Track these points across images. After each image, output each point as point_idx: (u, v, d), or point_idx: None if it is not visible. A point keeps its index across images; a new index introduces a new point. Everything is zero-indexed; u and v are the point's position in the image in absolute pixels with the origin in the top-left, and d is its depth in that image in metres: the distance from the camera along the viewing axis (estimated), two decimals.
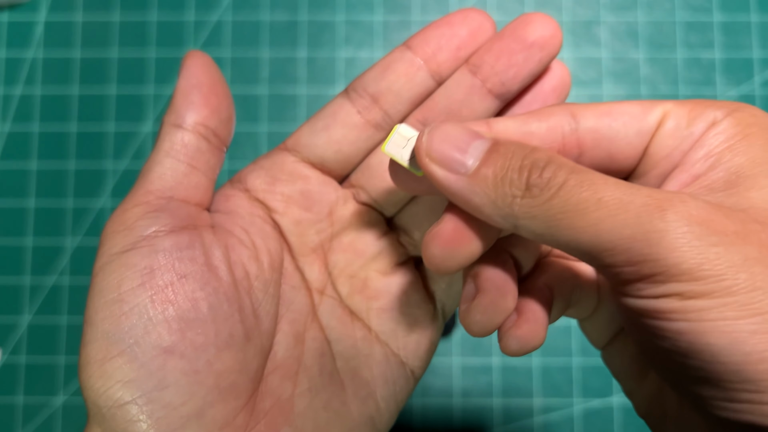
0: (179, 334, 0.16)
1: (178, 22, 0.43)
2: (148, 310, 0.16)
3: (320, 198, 0.20)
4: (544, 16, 0.18)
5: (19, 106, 0.42)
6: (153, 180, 0.18)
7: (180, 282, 0.17)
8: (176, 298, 0.16)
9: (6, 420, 0.39)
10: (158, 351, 0.16)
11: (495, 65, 0.19)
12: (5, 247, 0.41)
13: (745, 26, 0.42)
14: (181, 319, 0.16)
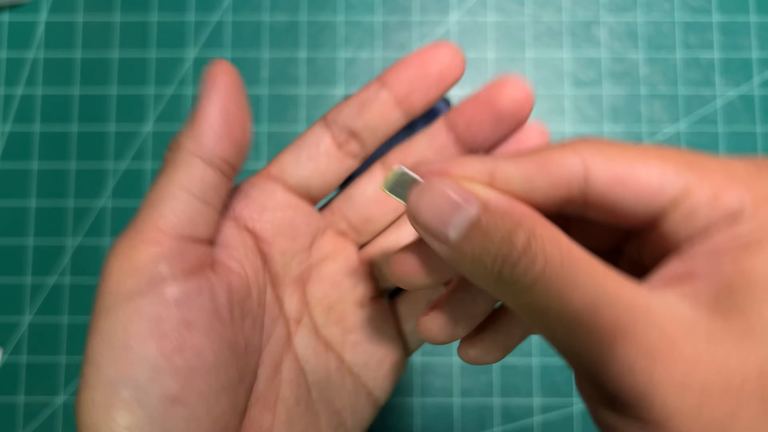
0: (185, 383, 0.16)
1: (178, 23, 0.43)
2: (156, 359, 0.16)
3: (305, 228, 0.21)
4: (517, 83, 0.19)
5: (20, 107, 0.42)
6: (165, 215, 0.17)
7: (188, 330, 0.17)
8: (183, 348, 0.16)
9: (7, 419, 0.39)
10: (164, 400, 0.16)
11: (467, 130, 0.20)
12: (6, 246, 0.41)
13: (743, 27, 0.42)
14: (188, 368, 0.16)
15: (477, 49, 0.43)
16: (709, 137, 0.41)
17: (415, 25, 0.43)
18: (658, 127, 0.42)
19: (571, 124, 0.42)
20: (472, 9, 0.43)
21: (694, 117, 0.42)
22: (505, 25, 0.43)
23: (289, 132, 0.42)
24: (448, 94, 0.18)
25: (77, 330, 0.40)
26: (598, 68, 0.42)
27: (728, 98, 0.42)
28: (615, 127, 0.42)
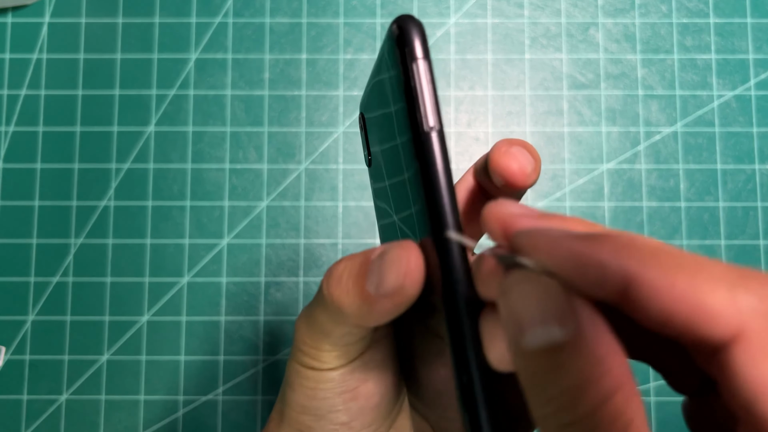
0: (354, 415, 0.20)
1: (180, 25, 0.43)
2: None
3: None
4: (524, 159, 0.19)
5: (23, 108, 0.42)
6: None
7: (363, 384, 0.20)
8: (358, 396, 0.20)
9: (11, 417, 0.40)
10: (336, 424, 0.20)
11: (483, 184, 0.21)
12: (10, 246, 0.41)
13: (740, 28, 0.43)
14: (359, 408, 0.20)
15: (476, 51, 0.43)
16: (706, 138, 0.42)
17: None
18: (656, 128, 0.42)
19: (569, 125, 0.42)
20: (471, 11, 0.43)
21: (691, 118, 0.42)
22: (504, 26, 0.43)
23: (289, 132, 0.42)
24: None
25: (80, 328, 0.41)
26: (595, 70, 0.43)
27: (725, 99, 0.42)
28: (612, 128, 0.42)
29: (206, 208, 0.41)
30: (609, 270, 0.12)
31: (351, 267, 0.17)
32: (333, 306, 0.17)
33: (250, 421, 0.40)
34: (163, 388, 0.40)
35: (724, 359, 0.12)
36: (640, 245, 0.13)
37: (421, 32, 0.16)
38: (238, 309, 0.41)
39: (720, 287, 0.12)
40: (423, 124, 0.15)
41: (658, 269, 0.12)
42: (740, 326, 0.12)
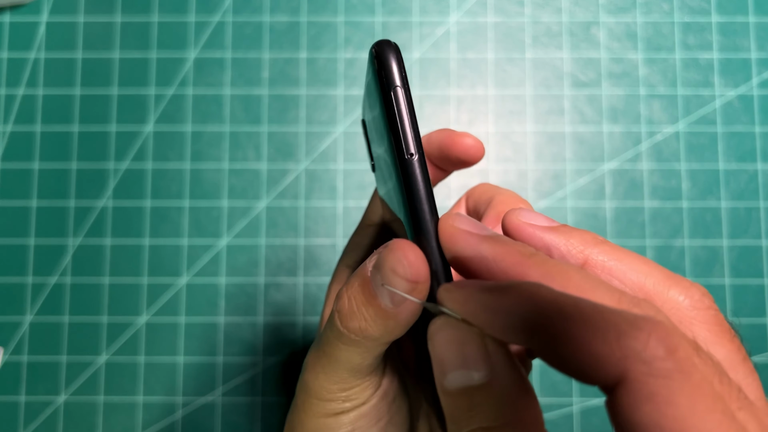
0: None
1: (179, 23, 0.43)
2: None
3: None
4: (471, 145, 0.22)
5: (21, 107, 0.42)
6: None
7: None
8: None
9: (8, 418, 0.40)
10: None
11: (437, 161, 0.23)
12: (8, 246, 0.41)
13: (742, 27, 0.42)
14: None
15: (477, 50, 0.43)
16: (708, 137, 0.42)
17: (415, 26, 0.43)
18: (657, 128, 0.42)
19: (571, 125, 0.42)
20: (472, 9, 0.43)
21: (693, 117, 0.42)
22: (505, 25, 0.43)
23: (289, 132, 0.42)
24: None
25: (78, 329, 0.40)
26: (597, 69, 0.42)
27: (727, 98, 0.42)
28: (614, 128, 0.42)
29: (205, 208, 0.41)
30: (513, 319, 0.14)
31: (355, 295, 0.17)
32: (356, 339, 0.17)
33: (250, 423, 0.39)
34: (162, 389, 0.40)
35: (611, 401, 0.13)
36: (543, 295, 0.14)
37: (398, 57, 0.17)
38: (237, 310, 0.40)
39: (609, 335, 0.13)
40: (403, 151, 0.17)
41: (555, 319, 0.13)
42: (624, 372, 0.13)
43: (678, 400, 0.12)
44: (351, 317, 0.17)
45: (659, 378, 0.12)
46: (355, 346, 0.17)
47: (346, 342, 0.17)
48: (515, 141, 0.42)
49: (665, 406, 0.12)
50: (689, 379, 0.13)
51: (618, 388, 0.13)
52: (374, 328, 0.17)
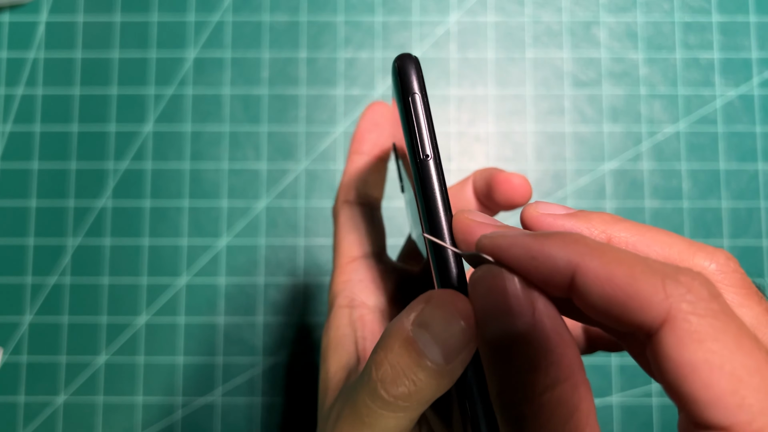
0: None
1: (178, 23, 0.43)
2: None
3: None
4: (522, 189, 0.22)
5: (20, 107, 0.42)
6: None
7: None
8: None
9: (8, 419, 0.39)
10: None
11: (482, 199, 0.23)
12: (7, 246, 0.41)
13: (743, 27, 0.42)
14: None
15: (477, 49, 0.43)
16: (709, 137, 0.41)
17: (415, 25, 0.43)
18: (658, 127, 0.42)
19: (571, 124, 0.42)
20: (472, 9, 0.43)
21: (694, 117, 0.42)
22: (505, 25, 0.43)
23: (289, 132, 0.42)
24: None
25: (77, 330, 0.40)
26: (597, 68, 0.42)
27: (728, 98, 0.42)
28: (614, 127, 0.42)
29: (205, 208, 0.41)
30: (557, 261, 0.14)
31: (398, 360, 0.16)
32: (404, 405, 0.16)
33: (249, 423, 0.39)
34: (161, 389, 0.40)
35: (655, 343, 0.13)
36: (586, 241, 0.14)
37: (417, 68, 0.18)
38: (236, 310, 0.40)
39: (653, 277, 0.13)
40: (419, 152, 0.17)
41: (599, 261, 0.14)
42: (669, 312, 0.13)
43: (724, 338, 0.12)
44: (397, 384, 0.16)
45: (705, 317, 0.13)
46: (404, 411, 0.16)
47: (395, 410, 0.16)
48: (515, 141, 0.42)
49: (712, 342, 0.12)
50: (734, 319, 0.13)
51: (662, 329, 0.13)
52: (426, 389, 0.16)
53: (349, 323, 0.23)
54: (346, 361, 0.22)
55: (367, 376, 0.16)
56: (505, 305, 0.14)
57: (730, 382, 0.12)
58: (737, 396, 0.12)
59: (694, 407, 0.12)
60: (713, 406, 0.12)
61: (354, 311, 0.23)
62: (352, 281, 0.24)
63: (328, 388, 0.22)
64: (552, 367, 0.14)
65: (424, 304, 0.16)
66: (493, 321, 0.15)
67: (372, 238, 0.25)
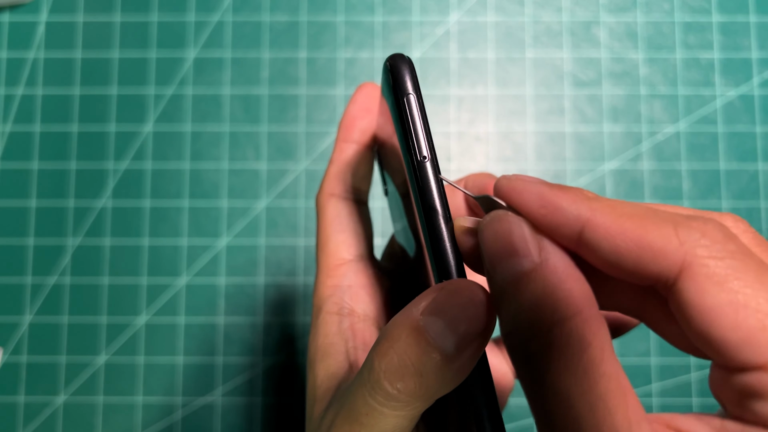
0: None
1: (178, 23, 0.43)
2: None
3: None
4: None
5: (20, 107, 0.42)
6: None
7: None
8: None
9: (7, 419, 0.39)
10: None
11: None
12: (7, 246, 0.41)
13: (743, 27, 0.42)
14: None
15: (477, 49, 0.43)
16: (709, 137, 0.41)
17: (415, 25, 0.43)
18: (658, 127, 0.42)
19: (571, 124, 0.42)
20: (472, 9, 0.43)
21: (694, 117, 0.42)
22: (505, 25, 0.43)
23: (289, 132, 0.42)
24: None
25: (77, 330, 0.40)
26: (597, 68, 0.42)
27: (728, 98, 0.42)
28: (614, 127, 0.42)
29: (204, 208, 0.41)
30: (566, 214, 0.14)
31: (406, 349, 0.15)
32: (407, 400, 0.15)
33: (249, 424, 0.39)
34: (161, 389, 0.40)
35: (676, 294, 0.13)
36: (597, 198, 0.14)
37: (410, 68, 0.18)
38: (236, 310, 0.40)
39: (665, 227, 0.13)
40: (416, 154, 0.17)
41: (609, 214, 0.13)
42: (685, 259, 0.13)
43: (745, 277, 0.12)
44: (403, 375, 0.15)
45: (723, 259, 0.12)
46: (405, 408, 0.15)
47: (396, 407, 0.15)
48: (515, 141, 0.42)
49: (733, 283, 0.12)
50: (752, 257, 0.13)
51: (680, 277, 0.13)
52: (433, 383, 0.15)
53: (339, 332, 0.22)
54: (334, 369, 0.21)
55: (367, 370, 0.16)
56: (511, 246, 0.14)
57: (757, 319, 0.12)
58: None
59: (726, 351, 0.12)
60: (745, 345, 0.12)
61: (344, 319, 0.22)
62: (341, 287, 0.23)
63: (317, 397, 0.21)
64: (559, 303, 0.13)
65: (437, 292, 0.15)
66: (501, 262, 0.14)
67: (361, 238, 0.24)
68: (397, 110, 0.17)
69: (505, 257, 0.14)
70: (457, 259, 0.16)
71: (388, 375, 0.15)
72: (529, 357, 0.14)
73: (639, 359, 0.40)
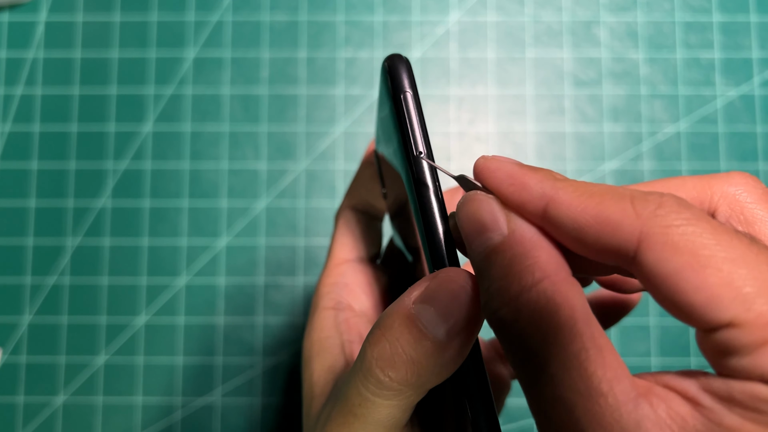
0: None
1: (178, 23, 0.43)
2: None
3: None
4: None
5: (19, 107, 0.42)
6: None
7: None
8: None
9: (7, 419, 0.39)
10: None
11: None
12: (6, 247, 0.41)
13: (744, 26, 0.42)
14: None
15: (477, 49, 0.42)
16: (710, 137, 0.41)
17: (415, 25, 0.43)
18: (659, 127, 0.42)
19: (572, 124, 0.42)
20: (473, 9, 0.43)
21: (695, 117, 0.42)
22: (506, 24, 0.43)
23: (289, 132, 0.42)
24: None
25: (77, 330, 0.40)
26: (598, 68, 0.42)
27: (729, 98, 0.42)
28: (615, 127, 0.42)
29: (204, 208, 0.41)
30: (532, 190, 0.15)
31: (398, 337, 0.15)
32: (400, 388, 0.15)
33: (249, 424, 0.39)
34: (161, 390, 0.40)
35: (639, 266, 0.13)
36: (563, 177, 0.15)
37: (407, 68, 0.18)
38: (236, 310, 0.40)
39: (622, 201, 0.13)
40: (412, 150, 0.17)
41: (572, 192, 0.14)
42: (642, 230, 0.13)
43: (701, 240, 0.12)
44: (395, 362, 0.15)
45: (679, 226, 0.13)
46: (397, 398, 0.16)
47: (389, 396, 0.16)
48: (516, 141, 0.42)
49: (692, 246, 0.12)
50: (708, 221, 0.13)
51: (640, 249, 0.13)
52: (425, 370, 0.15)
53: (334, 325, 0.22)
54: (330, 364, 0.21)
55: (360, 359, 0.16)
56: (481, 223, 0.15)
57: (719, 277, 0.12)
58: (730, 288, 0.12)
59: (694, 313, 0.12)
60: (710, 305, 0.12)
61: (339, 314, 0.22)
62: (339, 284, 0.24)
63: (314, 393, 0.21)
64: (526, 270, 0.14)
65: (429, 281, 0.16)
66: (474, 240, 0.15)
67: (365, 244, 0.25)
68: (394, 108, 0.18)
69: (477, 234, 0.15)
70: (449, 248, 0.17)
71: (380, 363, 0.15)
72: (500, 322, 0.14)
73: (639, 359, 0.40)
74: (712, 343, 0.12)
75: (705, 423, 0.12)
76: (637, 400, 0.12)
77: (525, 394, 0.14)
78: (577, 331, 0.13)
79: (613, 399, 0.12)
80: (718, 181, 0.17)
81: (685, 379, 0.13)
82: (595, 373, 0.12)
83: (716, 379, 0.12)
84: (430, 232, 0.17)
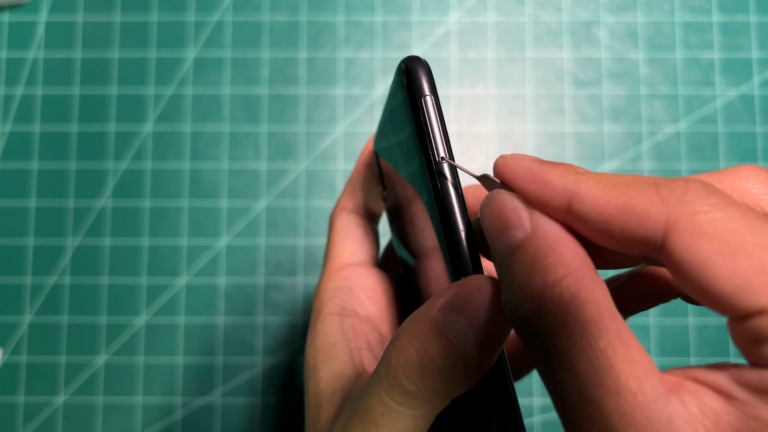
0: None
1: (178, 23, 0.43)
2: None
3: None
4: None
5: (20, 107, 0.42)
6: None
7: None
8: None
9: (7, 419, 0.39)
10: None
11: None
12: (6, 247, 0.41)
13: (743, 27, 0.42)
14: None
15: (477, 49, 0.42)
16: (709, 137, 0.41)
17: (415, 25, 0.43)
18: (658, 127, 0.42)
19: (571, 124, 0.42)
20: (472, 9, 0.43)
21: (694, 117, 0.42)
22: (506, 24, 0.43)
23: (289, 132, 0.42)
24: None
25: (77, 330, 0.40)
26: (598, 68, 0.42)
27: (728, 98, 0.42)
28: (615, 127, 0.42)
29: (204, 208, 0.41)
30: (555, 186, 0.15)
31: (426, 346, 0.15)
32: (426, 398, 0.15)
33: (249, 424, 0.39)
34: (161, 390, 0.40)
35: (667, 255, 0.13)
36: (586, 171, 0.15)
37: (426, 70, 0.18)
38: (236, 310, 0.40)
39: (647, 189, 0.13)
40: (434, 155, 0.17)
41: (595, 185, 0.14)
42: (669, 218, 0.13)
43: (731, 225, 0.12)
44: (422, 370, 0.15)
45: (707, 212, 0.12)
46: (423, 408, 0.15)
47: (414, 405, 0.15)
48: (516, 141, 0.42)
49: (721, 232, 0.12)
50: (737, 206, 0.12)
51: (668, 237, 0.13)
52: (453, 379, 0.15)
53: (341, 332, 0.21)
54: (339, 371, 0.20)
55: (384, 368, 0.15)
56: (504, 220, 0.15)
57: (751, 263, 0.12)
58: (763, 274, 0.12)
59: (726, 301, 0.12)
60: (742, 292, 0.12)
61: (345, 320, 0.22)
62: (342, 289, 0.23)
63: (322, 402, 0.20)
64: (550, 266, 0.14)
65: (456, 289, 0.16)
66: (497, 238, 0.15)
67: (365, 247, 0.24)
68: (414, 112, 0.17)
69: (500, 232, 0.15)
70: (473, 254, 0.17)
71: (407, 371, 0.15)
72: (522, 319, 0.14)
73: None
74: (745, 332, 0.12)
75: (739, 417, 0.11)
76: (667, 396, 0.12)
77: (549, 393, 0.14)
78: (603, 328, 0.13)
79: (642, 396, 0.12)
80: (728, 175, 0.16)
81: (716, 372, 0.13)
82: (623, 370, 0.12)
83: (749, 370, 0.12)
84: (452, 238, 0.17)
